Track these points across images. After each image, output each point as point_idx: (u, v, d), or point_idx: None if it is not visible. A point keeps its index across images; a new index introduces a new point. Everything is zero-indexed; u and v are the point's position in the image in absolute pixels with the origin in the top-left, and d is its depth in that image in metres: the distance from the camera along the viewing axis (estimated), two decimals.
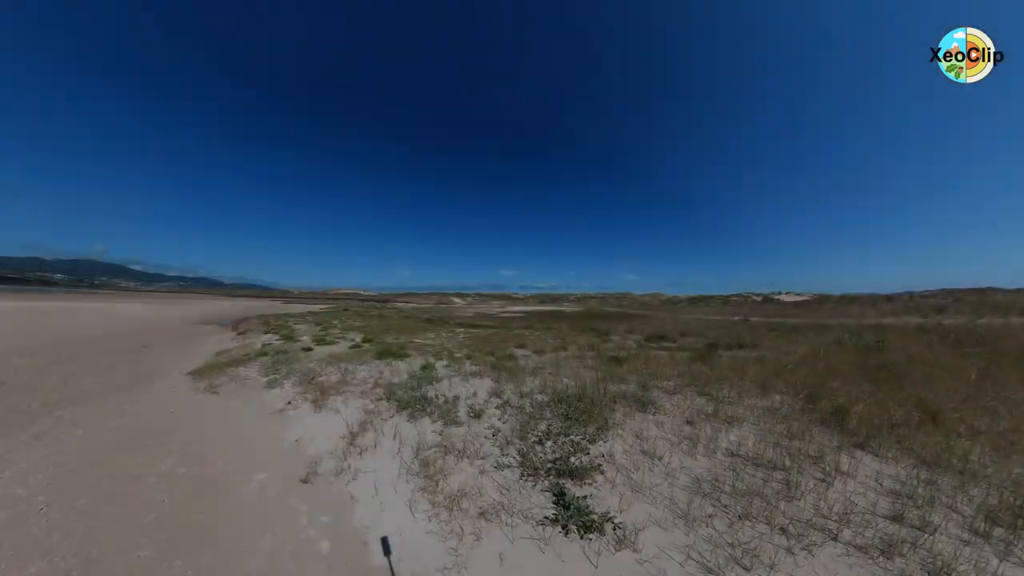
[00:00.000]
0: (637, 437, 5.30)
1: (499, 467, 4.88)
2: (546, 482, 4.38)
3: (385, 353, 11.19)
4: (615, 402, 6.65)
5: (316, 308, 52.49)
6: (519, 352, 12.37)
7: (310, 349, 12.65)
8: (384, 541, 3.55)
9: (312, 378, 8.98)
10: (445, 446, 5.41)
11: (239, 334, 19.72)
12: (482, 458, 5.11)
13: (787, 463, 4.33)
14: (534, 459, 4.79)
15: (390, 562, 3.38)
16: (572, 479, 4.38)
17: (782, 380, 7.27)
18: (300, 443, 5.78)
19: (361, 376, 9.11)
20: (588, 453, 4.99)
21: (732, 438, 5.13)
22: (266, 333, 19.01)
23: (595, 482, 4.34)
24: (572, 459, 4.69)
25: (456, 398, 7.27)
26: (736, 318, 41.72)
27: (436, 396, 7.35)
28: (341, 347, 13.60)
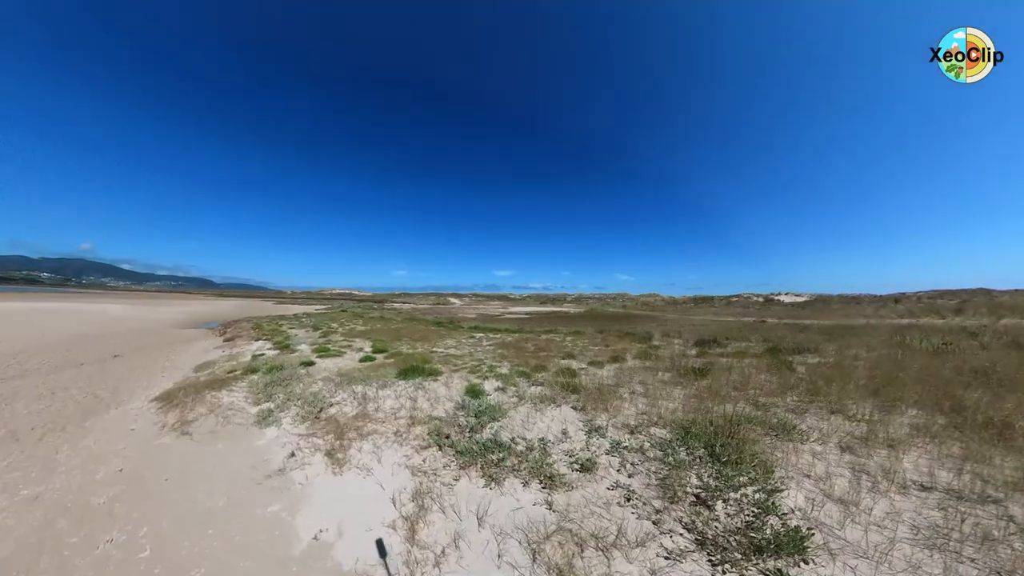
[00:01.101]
0: (807, 477, 4.17)
1: (673, 556, 3.02)
2: (753, 570, 2.94)
3: (410, 370, 8.92)
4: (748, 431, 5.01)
5: (311, 309, 49.89)
6: (572, 364, 10.30)
7: (311, 363, 10.34)
8: (379, 543, 3.28)
9: (320, 409, 6.71)
10: (572, 532, 3.34)
11: (226, 341, 17.31)
12: (640, 545, 3.17)
13: (996, 494, 3.67)
14: (712, 534, 3.28)
15: (386, 564, 3.09)
16: (783, 557, 2.98)
17: (902, 391, 6.44)
18: (323, 541, 3.53)
19: (388, 406, 6.84)
20: (778, 512, 3.47)
21: (909, 467, 4.33)
22: (257, 340, 16.64)
23: (807, 554, 3.01)
24: (764, 526, 3.30)
25: (543, 442, 5.13)
26: (751, 319, 40.07)
27: (512, 440, 5.17)
28: (349, 359, 11.30)
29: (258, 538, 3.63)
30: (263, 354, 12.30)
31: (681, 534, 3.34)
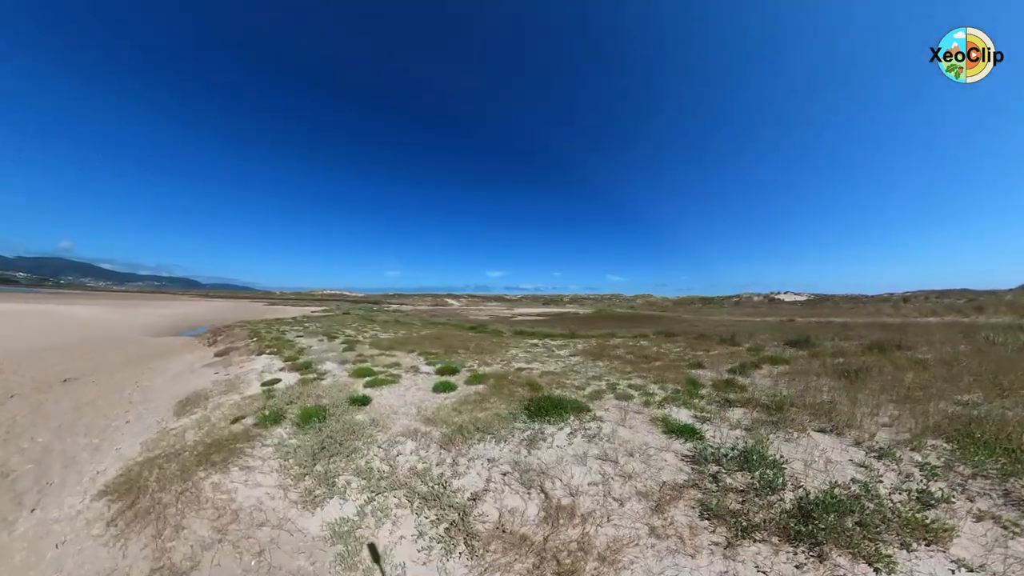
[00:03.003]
0: None
1: None
2: None
3: (544, 406, 5.52)
4: None
5: (308, 311, 45.77)
6: (707, 374, 8.59)
7: (364, 400, 6.73)
8: (371, 547, 3.02)
9: (463, 515, 3.26)
10: None
11: (219, 355, 13.51)
12: None
13: None
14: None
15: (380, 567, 2.85)
16: None
17: None
18: None
19: (579, 481, 3.60)
20: None
21: None
22: (259, 353, 12.90)
23: None
24: None
25: (862, 484, 3.50)
26: (777, 319, 38.39)
27: (832, 491, 3.12)
28: (413, 387, 7.76)
29: None
30: (277, 380, 8.65)
31: None
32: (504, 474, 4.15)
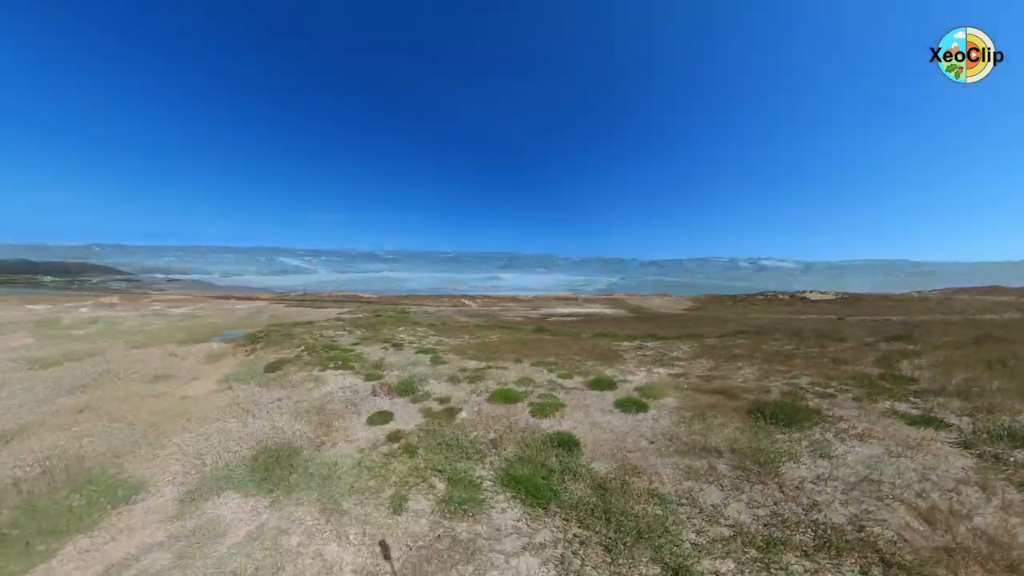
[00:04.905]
0: None
1: None
2: None
3: (784, 413, 3.76)
4: None
5: (334, 313, 43.52)
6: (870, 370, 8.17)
7: (570, 441, 4.16)
8: (383, 544, 3.15)
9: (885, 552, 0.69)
10: None
11: (269, 369, 11.03)
12: None
13: None
14: None
15: (391, 565, 3.01)
16: None
17: None
18: None
19: (910, 482, 0.93)
20: None
21: None
22: (324, 367, 10.43)
23: None
24: None
25: None
26: (817, 316, 39.40)
27: None
28: (592, 408, 5.48)
29: None
30: (387, 414, 6.10)
31: None
32: (845, 492, 3.80)
